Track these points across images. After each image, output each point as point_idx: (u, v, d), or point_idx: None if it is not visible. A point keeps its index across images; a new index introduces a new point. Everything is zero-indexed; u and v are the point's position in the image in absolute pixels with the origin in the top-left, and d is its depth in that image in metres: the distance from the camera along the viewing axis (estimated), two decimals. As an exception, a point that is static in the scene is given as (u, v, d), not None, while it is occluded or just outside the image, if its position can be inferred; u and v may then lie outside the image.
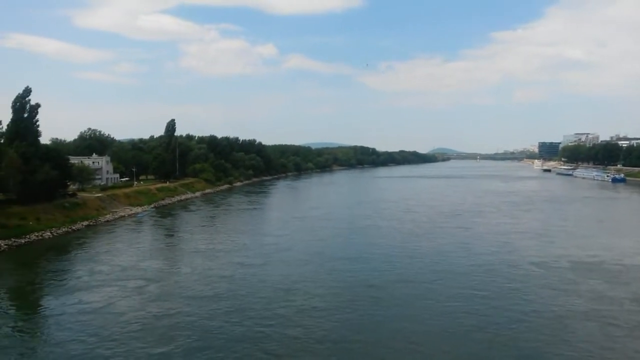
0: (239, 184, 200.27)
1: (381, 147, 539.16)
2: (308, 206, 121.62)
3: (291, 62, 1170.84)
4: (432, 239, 74.04)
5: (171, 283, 50.16)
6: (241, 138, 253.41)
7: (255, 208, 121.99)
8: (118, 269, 55.54)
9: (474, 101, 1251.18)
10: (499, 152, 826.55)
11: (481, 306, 41.88)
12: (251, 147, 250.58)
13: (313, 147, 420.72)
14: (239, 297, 44.73)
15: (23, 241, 73.10)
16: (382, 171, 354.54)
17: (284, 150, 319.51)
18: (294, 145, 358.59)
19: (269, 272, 54.01)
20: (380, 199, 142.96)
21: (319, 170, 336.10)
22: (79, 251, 68.75)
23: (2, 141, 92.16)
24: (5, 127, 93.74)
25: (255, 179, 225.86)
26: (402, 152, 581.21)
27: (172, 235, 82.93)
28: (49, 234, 79.58)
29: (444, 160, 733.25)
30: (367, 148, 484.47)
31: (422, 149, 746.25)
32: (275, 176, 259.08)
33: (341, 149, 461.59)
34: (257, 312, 40.73)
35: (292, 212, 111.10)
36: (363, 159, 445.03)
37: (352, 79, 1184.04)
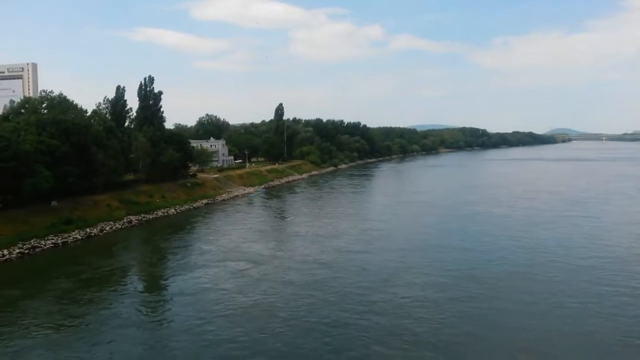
0: (343, 166, 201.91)
1: (492, 128, 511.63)
2: (412, 190, 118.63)
3: (398, 42, 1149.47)
4: (552, 229, 66.96)
5: (271, 267, 49.29)
6: (346, 121, 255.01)
7: (357, 191, 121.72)
8: (225, 250, 56.97)
9: (600, 77, 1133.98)
10: (628, 132, 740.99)
11: (615, 308, 36.76)
12: (356, 130, 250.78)
13: (418, 129, 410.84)
14: (337, 285, 43.06)
15: (151, 217, 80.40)
16: (493, 154, 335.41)
17: (388, 133, 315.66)
18: (398, 128, 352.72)
19: (369, 259, 51.87)
20: (491, 183, 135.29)
21: (424, 152, 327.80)
22: (195, 229, 73.95)
23: (132, 126, 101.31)
24: (135, 114, 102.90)
25: (359, 162, 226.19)
26: (515, 133, 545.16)
27: (277, 217, 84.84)
28: (173, 210, 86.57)
29: (563, 141, 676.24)
30: (477, 129, 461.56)
31: (539, 130, 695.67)
32: (380, 158, 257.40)
33: (448, 130, 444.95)
34: (355, 302, 38.76)
35: (395, 196, 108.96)
36: (472, 141, 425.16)
37: (462, 57, 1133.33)
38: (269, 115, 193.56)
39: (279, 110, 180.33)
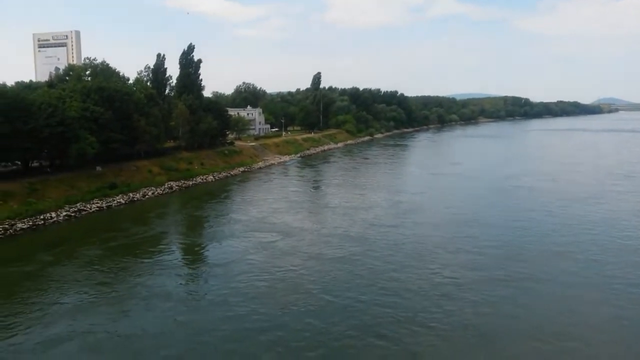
0: (379, 135, 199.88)
1: (536, 97, 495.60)
2: (448, 162, 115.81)
3: (438, 7, 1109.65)
4: (599, 204, 63.47)
5: (300, 240, 48.00)
6: (383, 89, 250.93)
7: (393, 162, 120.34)
8: (257, 220, 56.43)
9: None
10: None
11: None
12: (392, 99, 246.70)
13: (458, 98, 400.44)
14: (366, 261, 41.31)
15: (190, 183, 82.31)
16: (536, 124, 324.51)
17: (426, 102, 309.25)
18: (437, 97, 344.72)
19: (401, 234, 49.76)
20: (532, 155, 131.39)
21: (463, 122, 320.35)
22: (230, 197, 75.08)
23: (172, 94, 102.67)
24: (175, 82, 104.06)
25: (396, 131, 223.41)
26: (560, 102, 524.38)
27: (310, 187, 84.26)
28: (211, 177, 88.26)
29: (610, 111, 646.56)
30: (519, 98, 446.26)
31: (585, 99, 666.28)
32: (417, 128, 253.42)
33: (489, 99, 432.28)
34: (385, 279, 37.09)
35: (431, 167, 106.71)
36: (514, 110, 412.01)
37: (505, 23, 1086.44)
38: (306, 84, 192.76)
39: (316, 79, 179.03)
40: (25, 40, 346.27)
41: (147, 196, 71.28)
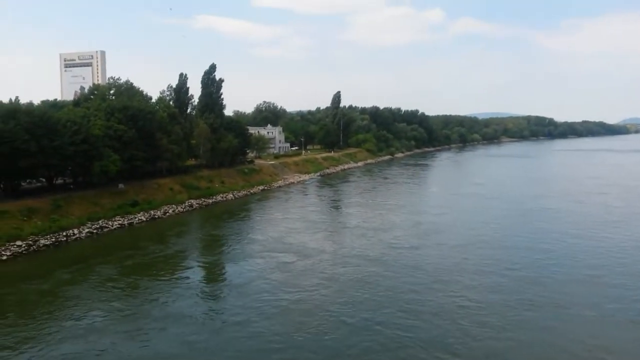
0: (400, 154, 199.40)
1: (559, 117, 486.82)
2: (470, 182, 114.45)
3: (459, 26, 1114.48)
4: (628, 228, 61.48)
5: (318, 261, 47.31)
6: (403, 108, 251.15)
7: (413, 181, 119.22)
8: (275, 240, 56.04)
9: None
10: None
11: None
12: (413, 118, 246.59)
13: (479, 117, 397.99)
14: (385, 283, 40.42)
15: (210, 201, 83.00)
16: (560, 144, 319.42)
17: (447, 121, 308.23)
18: (458, 116, 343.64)
19: (421, 256, 48.73)
20: (557, 175, 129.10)
21: (485, 142, 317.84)
22: (249, 216, 75.18)
23: (194, 113, 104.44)
24: (196, 101, 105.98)
25: (417, 150, 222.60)
26: (585, 122, 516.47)
27: (329, 207, 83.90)
28: (231, 195, 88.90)
29: (637, 131, 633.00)
30: (543, 118, 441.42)
31: (610, 119, 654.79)
32: (438, 147, 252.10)
33: (512, 119, 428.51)
34: (404, 302, 36.18)
35: (452, 187, 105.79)
36: (537, 130, 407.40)
37: (527, 41, 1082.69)
38: (326, 103, 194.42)
39: (337, 98, 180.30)
40: (52, 60, 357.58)
41: (167, 214, 72.01)
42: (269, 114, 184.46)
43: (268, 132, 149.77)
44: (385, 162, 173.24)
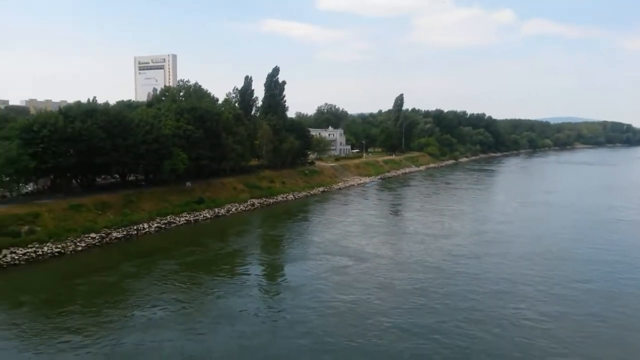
0: (464, 159, 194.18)
1: (639, 123, 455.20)
2: (540, 189, 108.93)
3: (530, 27, 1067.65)
4: None
5: (374, 266, 46.57)
6: (469, 112, 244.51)
7: (477, 188, 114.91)
8: (332, 242, 55.91)
9: None
10: None
11: None
12: (479, 122, 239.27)
13: (551, 122, 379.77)
14: (443, 292, 39.15)
15: (271, 201, 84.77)
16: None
17: (516, 125, 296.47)
18: (528, 120, 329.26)
19: (483, 266, 46.74)
20: (636, 185, 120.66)
21: (557, 148, 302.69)
22: (308, 217, 75.70)
23: (258, 115, 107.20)
24: (260, 103, 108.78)
25: (482, 155, 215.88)
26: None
27: (388, 211, 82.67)
28: (291, 196, 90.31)
29: None
30: (620, 124, 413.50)
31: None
32: (505, 153, 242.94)
33: (586, 124, 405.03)
34: (462, 311, 34.77)
35: (520, 195, 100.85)
36: (614, 136, 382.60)
37: (605, 43, 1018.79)
38: (388, 105, 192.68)
39: (399, 101, 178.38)
40: (128, 63, 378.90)
41: (230, 212, 74.28)
42: (330, 116, 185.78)
43: (329, 134, 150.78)
44: (448, 166, 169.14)
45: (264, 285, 42.76)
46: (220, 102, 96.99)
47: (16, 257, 45.94)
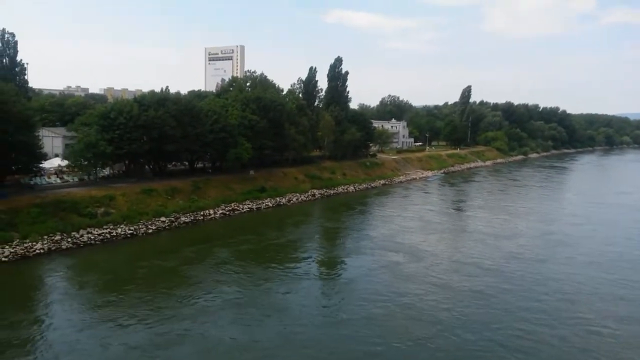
0: (534, 155, 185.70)
1: None
2: (615, 190, 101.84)
3: (612, 16, 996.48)
4: None
5: (430, 265, 44.99)
6: (541, 105, 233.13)
7: (547, 186, 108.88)
8: (389, 237, 54.99)
9: None
10: None
11: None
12: (552, 116, 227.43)
13: (630, 117, 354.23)
14: (503, 297, 37.09)
15: (332, 192, 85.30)
16: None
17: (592, 120, 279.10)
18: (605, 115, 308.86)
19: (549, 271, 44.08)
20: None
21: (636, 145, 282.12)
22: (367, 210, 75.06)
23: (320, 105, 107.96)
24: (323, 94, 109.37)
25: (554, 151, 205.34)
26: None
27: (449, 207, 79.81)
28: (352, 188, 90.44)
29: None
30: None
31: None
32: (579, 149, 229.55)
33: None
34: (523, 324, 32.28)
35: (593, 195, 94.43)
36: None
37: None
38: (454, 97, 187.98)
39: (466, 92, 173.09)
40: (199, 54, 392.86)
41: (291, 201, 75.48)
42: (393, 108, 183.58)
43: (392, 126, 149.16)
44: (516, 162, 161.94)
45: (316, 279, 42.26)
46: (284, 92, 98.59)
47: (92, 237, 49.06)
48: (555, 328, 32.14)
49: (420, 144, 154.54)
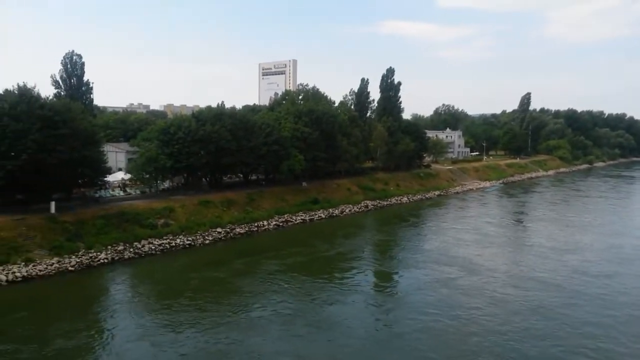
0: (600, 164, 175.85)
1: None
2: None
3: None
4: None
5: (486, 279, 42.98)
6: (607, 112, 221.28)
7: (614, 196, 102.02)
8: (442, 250, 53.39)
9: None
10: None
11: None
12: (619, 123, 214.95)
13: None
14: (566, 316, 34.39)
15: (385, 203, 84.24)
16: None
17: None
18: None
19: (615, 288, 41.03)
20: None
21: None
22: (421, 221, 73.21)
23: (373, 116, 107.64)
24: (376, 104, 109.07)
25: (622, 160, 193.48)
26: None
27: (508, 219, 76.21)
28: (405, 199, 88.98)
29: None
30: None
31: None
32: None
33: None
34: (591, 345, 29.94)
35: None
36: None
37: None
38: (512, 105, 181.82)
39: (525, 100, 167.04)
40: (252, 69, 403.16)
41: (344, 213, 75.16)
42: (448, 117, 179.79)
43: (447, 136, 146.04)
44: (581, 171, 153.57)
45: (366, 292, 40.95)
46: (336, 104, 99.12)
47: (152, 247, 50.70)
48: (624, 346, 29.65)
49: (477, 153, 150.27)
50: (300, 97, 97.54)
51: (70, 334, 31.00)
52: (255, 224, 62.63)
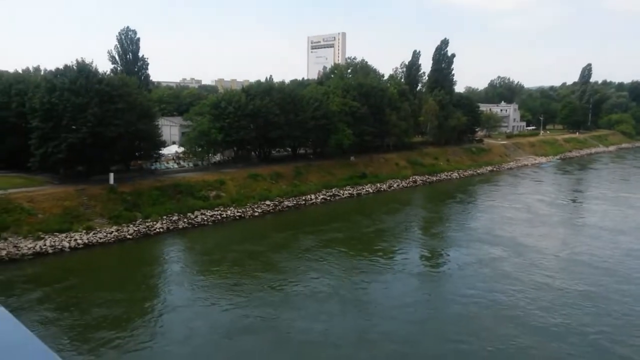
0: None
1: None
2: None
3: None
4: None
5: (532, 262, 40.41)
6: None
7: None
8: (490, 228, 51.61)
9: None
10: None
11: None
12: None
13: None
14: (621, 302, 31.99)
15: (434, 179, 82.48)
16: None
17: None
18: None
19: None
20: None
21: None
22: (470, 198, 71.02)
23: (424, 90, 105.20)
24: (427, 77, 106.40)
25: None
26: None
27: (562, 197, 71.81)
28: (456, 174, 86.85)
29: None
30: None
31: None
32: None
33: None
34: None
35: None
36: None
37: None
38: (573, 78, 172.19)
39: (586, 71, 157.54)
40: (301, 43, 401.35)
41: (392, 187, 74.26)
42: (503, 90, 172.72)
43: (501, 110, 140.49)
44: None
45: (406, 271, 39.40)
46: (385, 78, 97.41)
47: (205, 218, 52.13)
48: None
49: (534, 127, 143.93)
50: (349, 70, 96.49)
51: (110, 303, 31.71)
52: (303, 198, 63.09)
